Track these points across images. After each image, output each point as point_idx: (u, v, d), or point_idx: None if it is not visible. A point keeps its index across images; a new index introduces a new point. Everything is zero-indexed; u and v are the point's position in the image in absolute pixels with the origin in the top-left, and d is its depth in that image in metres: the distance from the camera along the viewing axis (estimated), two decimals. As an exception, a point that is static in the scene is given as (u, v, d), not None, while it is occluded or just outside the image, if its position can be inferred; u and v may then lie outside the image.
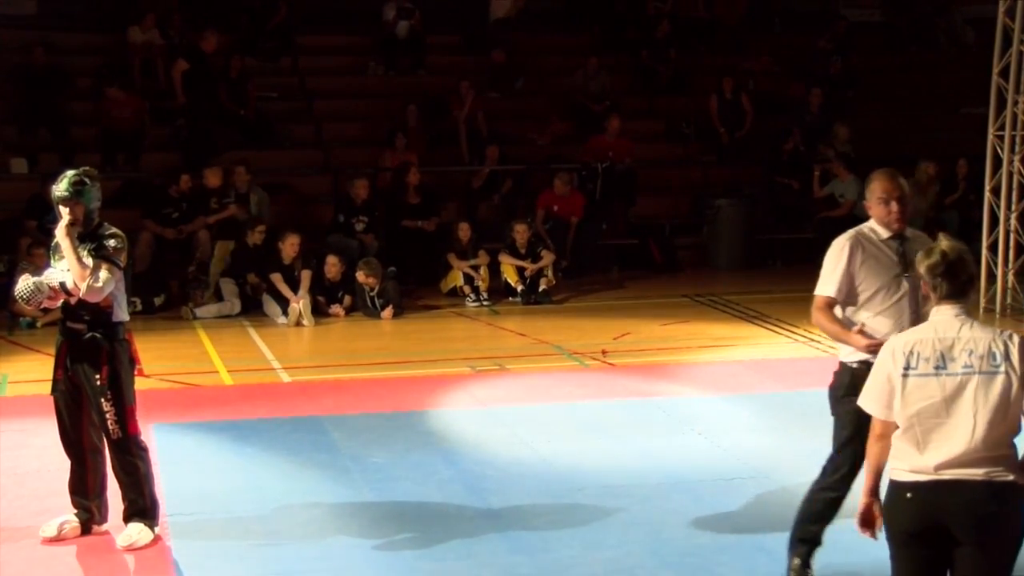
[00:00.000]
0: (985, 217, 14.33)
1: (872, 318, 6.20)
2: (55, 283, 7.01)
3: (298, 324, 13.82)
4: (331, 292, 14.41)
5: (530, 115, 19.03)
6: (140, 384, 10.96)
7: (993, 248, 14.18)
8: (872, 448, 5.00)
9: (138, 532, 7.11)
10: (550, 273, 15.18)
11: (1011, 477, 4.73)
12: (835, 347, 6.53)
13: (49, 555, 7.05)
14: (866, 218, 6.50)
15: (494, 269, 15.33)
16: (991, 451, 4.72)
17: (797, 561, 6.54)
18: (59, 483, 8.17)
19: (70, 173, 7.13)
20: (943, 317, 4.88)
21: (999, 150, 14.07)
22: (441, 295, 15.36)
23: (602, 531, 7.38)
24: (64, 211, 7.03)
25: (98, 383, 7.01)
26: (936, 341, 4.82)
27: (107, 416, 7.03)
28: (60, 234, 7.02)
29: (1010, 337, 4.81)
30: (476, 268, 15.20)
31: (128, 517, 7.17)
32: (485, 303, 14.94)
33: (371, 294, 14.29)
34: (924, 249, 5.02)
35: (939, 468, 4.73)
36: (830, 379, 6.41)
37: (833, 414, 6.38)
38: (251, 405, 10.39)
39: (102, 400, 7.01)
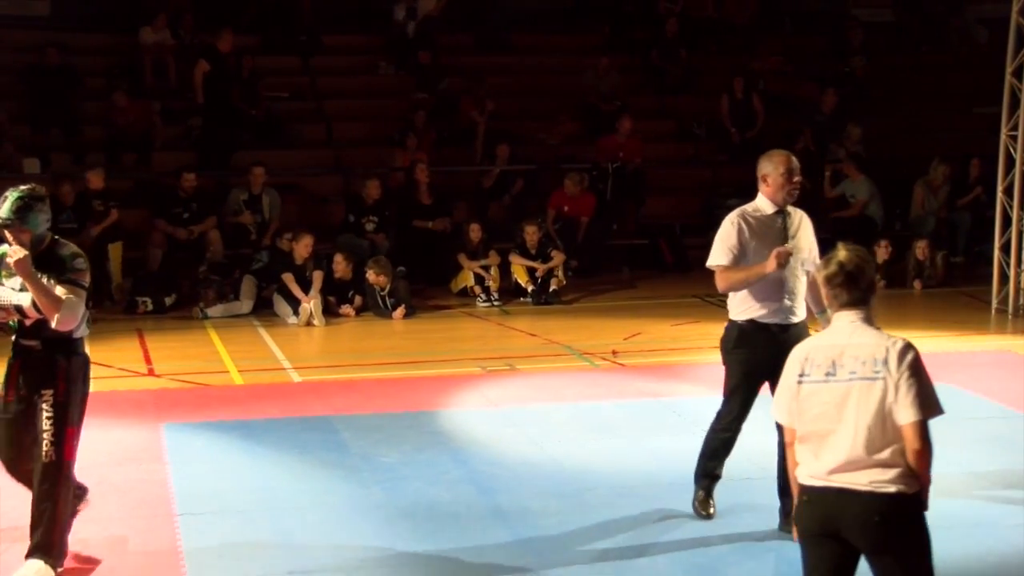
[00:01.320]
0: (998, 217, 14.31)
1: (759, 286, 7.03)
2: (9, 305, 6.46)
3: (308, 324, 13.83)
4: (341, 292, 14.43)
5: (540, 115, 19.03)
6: (150, 384, 11.13)
7: (1006, 248, 14.15)
8: (789, 454, 5.04)
9: (35, 571, 6.48)
10: (560, 273, 15.18)
11: (894, 489, 4.69)
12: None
13: (70, 549, 7.05)
14: (878, 217, 6.78)
15: (505, 269, 15.34)
16: (874, 459, 4.71)
17: (702, 493, 7.50)
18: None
19: (13, 194, 6.45)
20: (839, 324, 4.91)
21: (1012, 150, 14.04)
22: (451, 295, 15.37)
23: (612, 531, 7.38)
24: (11, 236, 6.41)
25: (42, 399, 6.47)
26: (829, 348, 4.87)
27: (44, 436, 6.45)
28: (17, 268, 6.31)
29: (894, 343, 4.78)
30: (487, 268, 15.20)
31: (31, 552, 6.53)
32: (496, 303, 14.94)
33: (382, 293, 14.30)
34: (823, 259, 5.04)
35: (830, 474, 4.78)
36: None
37: (724, 364, 7.28)
38: (261, 405, 10.40)
39: (44, 418, 6.46)
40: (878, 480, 4.70)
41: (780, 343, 6.76)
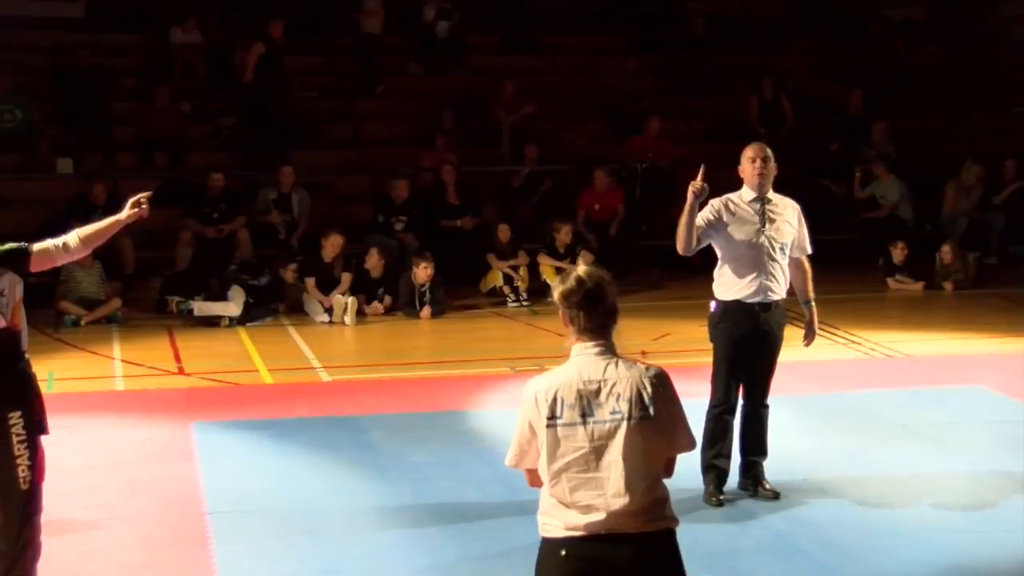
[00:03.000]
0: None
1: (736, 266, 7.63)
2: None
3: (331, 323, 13.86)
4: (371, 290, 14.45)
5: (566, 116, 19.01)
6: (180, 382, 11.18)
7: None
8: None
9: None
10: (589, 274, 15.13)
11: (665, 524, 4.39)
12: (874, 348, 6.74)
13: (95, 548, 7.14)
14: (908, 218, 6.99)
15: (533, 269, 15.34)
16: (646, 498, 4.34)
17: (710, 487, 7.82)
18: (104, 479, 8.32)
19: None
20: (585, 358, 4.41)
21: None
22: (480, 295, 15.38)
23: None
24: None
25: (12, 421, 5.97)
26: (580, 384, 4.37)
27: (19, 462, 5.99)
28: None
29: (656, 375, 4.44)
30: (515, 268, 15.22)
31: None
32: (524, 303, 14.95)
33: (421, 289, 14.30)
34: (560, 275, 4.75)
35: (592, 523, 4.30)
36: (865, 380, 7.22)
37: (711, 339, 7.85)
38: (291, 404, 10.44)
39: (15, 442, 5.98)
40: (650, 518, 4.36)
41: (760, 321, 7.68)
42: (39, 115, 17.18)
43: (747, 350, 7.75)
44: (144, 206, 6.34)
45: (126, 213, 6.35)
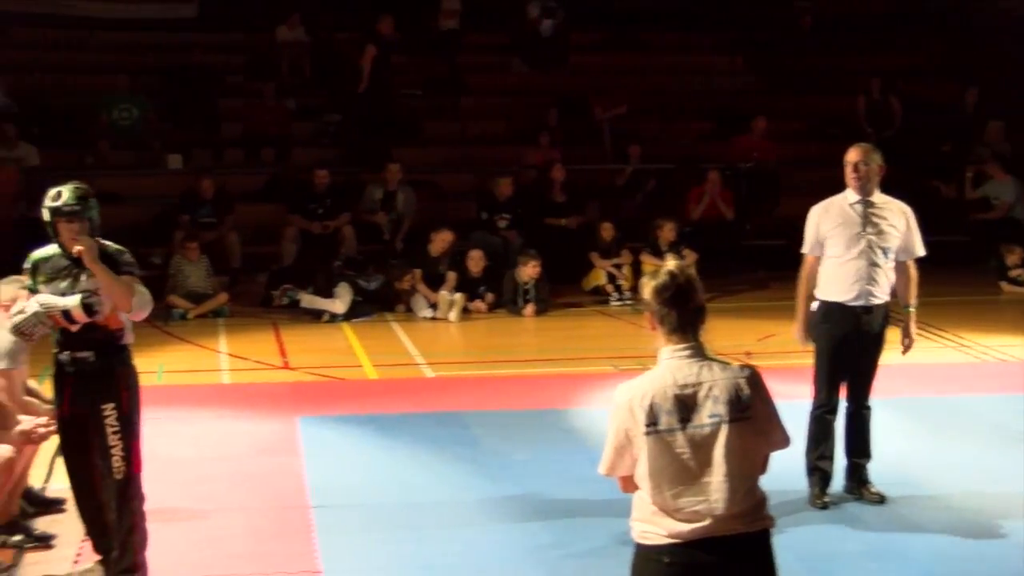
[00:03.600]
0: None
1: (837, 269, 7.63)
2: (57, 311, 6.10)
3: (435, 319, 13.93)
4: (473, 288, 14.50)
5: (671, 114, 18.91)
6: (285, 376, 11.31)
7: None
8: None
9: None
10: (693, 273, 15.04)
11: (763, 524, 4.36)
12: (986, 352, 6.62)
13: (203, 538, 7.22)
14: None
15: (636, 268, 15.28)
16: (748, 500, 4.30)
17: (815, 489, 7.72)
18: (211, 471, 8.42)
19: (70, 186, 6.21)
20: (678, 361, 4.33)
21: None
22: (583, 293, 15.36)
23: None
24: (69, 228, 6.13)
25: (106, 414, 6.17)
26: (676, 389, 4.28)
27: (113, 452, 6.18)
28: (85, 257, 6.05)
29: (750, 374, 4.36)
30: (618, 267, 15.18)
31: (113, 574, 6.34)
32: (627, 302, 14.90)
33: (525, 287, 14.32)
34: (651, 271, 4.61)
35: (697, 529, 4.26)
36: (977, 384, 7.87)
37: (812, 340, 7.85)
38: (395, 399, 10.50)
39: (109, 433, 6.18)
40: (751, 519, 4.33)
41: (862, 323, 7.63)
42: (152, 112, 17.52)
43: (848, 350, 7.72)
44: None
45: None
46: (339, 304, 13.92)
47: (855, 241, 7.62)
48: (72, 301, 6.09)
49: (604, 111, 18.31)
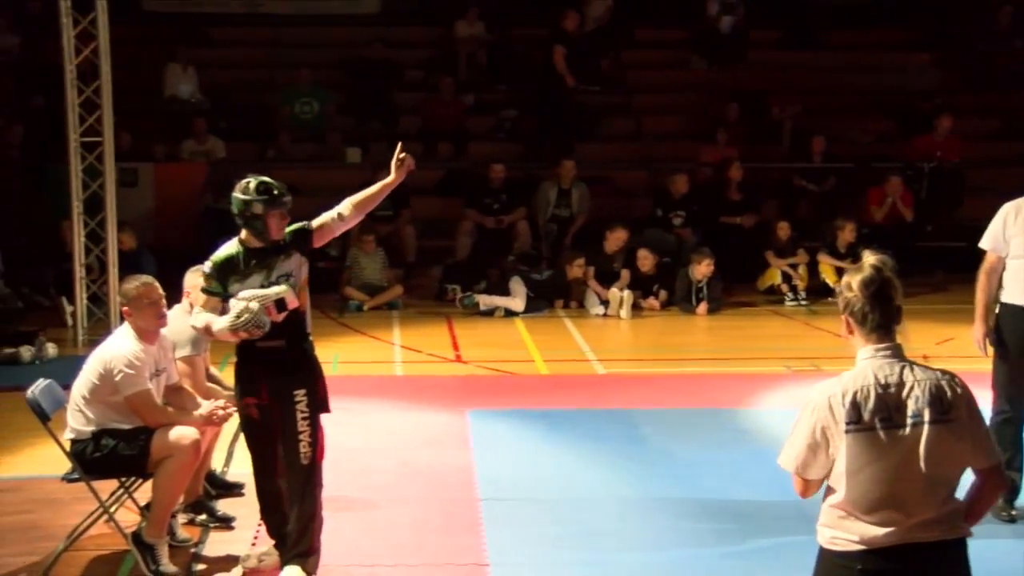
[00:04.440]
0: None
1: (1019, 270, 7.40)
2: (270, 302, 6.14)
3: (607, 316, 13.92)
4: (646, 286, 14.45)
5: (850, 113, 18.56)
6: (457, 369, 11.41)
7: None
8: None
9: None
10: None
11: (962, 532, 4.20)
12: None
13: (372, 527, 7.33)
14: None
15: (813, 268, 15.06)
16: (947, 506, 4.17)
17: (1002, 501, 7.35)
18: (381, 461, 8.53)
19: (262, 177, 6.37)
20: (879, 361, 4.22)
21: None
22: (758, 292, 15.19)
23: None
24: (281, 219, 6.29)
25: (298, 399, 6.25)
26: (879, 389, 4.17)
27: (301, 438, 6.25)
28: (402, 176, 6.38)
29: (952, 378, 4.24)
30: (794, 267, 14.97)
31: (291, 558, 6.40)
32: (803, 302, 14.69)
33: (699, 285, 14.23)
34: (850, 269, 4.38)
35: (893, 534, 4.13)
36: None
37: (993, 343, 7.62)
38: (564, 395, 10.52)
39: (299, 419, 6.27)
40: (949, 527, 4.19)
41: None
42: (333, 106, 17.88)
43: None
44: (407, 161, 6.46)
45: (393, 175, 6.46)
46: (517, 302, 14.01)
47: None
48: (281, 289, 6.19)
49: (781, 110, 18.06)
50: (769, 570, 6.74)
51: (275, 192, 6.28)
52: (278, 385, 6.29)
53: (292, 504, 6.38)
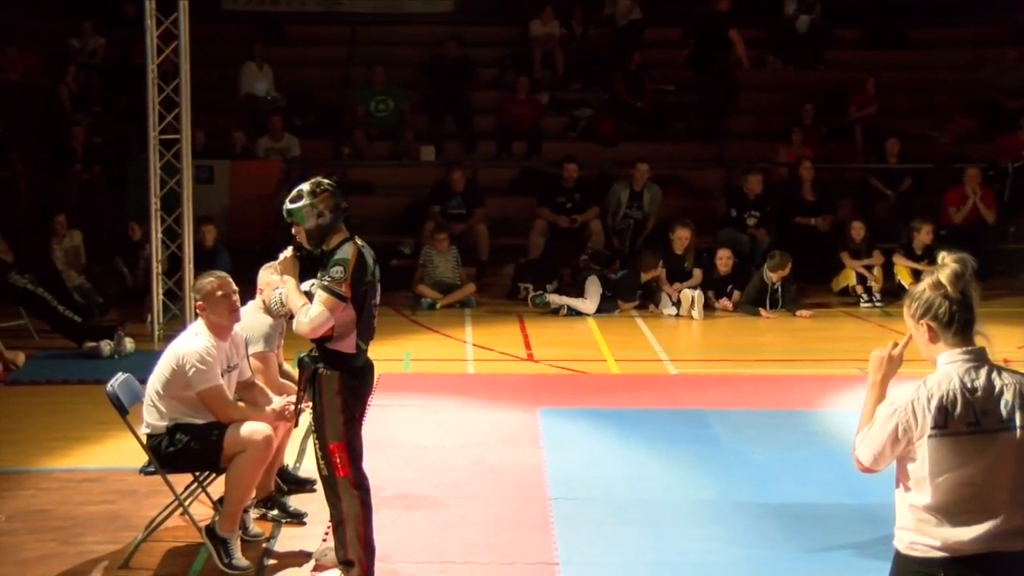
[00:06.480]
0: None
1: None
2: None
3: (679, 316, 13.88)
4: (720, 286, 14.39)
5: (932, 112, 18.34)
6: (528, 368, 11.42)
7: None
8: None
9: None
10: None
11: None
12: None
13: (443, 525, 7.36)
14: None
15: (888, 270, 14.91)
16: None
17: None
18: (453, 459, 8.57)
19: (302, 186, 6.21)
20: (963, 364, 4.14)
21: None
22: (832, 294, 15.07)
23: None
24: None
25: (311, 413, 6.30)
26: (965, 393, 4.08)
27: (316, 450, 6.26)
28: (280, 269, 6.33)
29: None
30: (869, 268, 14.83)
31: (338, 563, 6.42)
32: (877, 304, 14.55)
33: (773, 286, 14.14)
34: (930, 268, 4.26)
35: (975, 541, 4.03)
36: None
37: None
38: (636, 394, 10.50)
39: (312, 433, 6.36)
40: None
41: None
42: (408, 105, 17.98)
43: None
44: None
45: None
46: (588, 304, 13.98)
47: None
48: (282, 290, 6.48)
49: (857, 109, 17.89)
50: (839, 573, 6.69)
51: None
52: (305, 392, 6.33)
53: (331, 515, 6.34)
